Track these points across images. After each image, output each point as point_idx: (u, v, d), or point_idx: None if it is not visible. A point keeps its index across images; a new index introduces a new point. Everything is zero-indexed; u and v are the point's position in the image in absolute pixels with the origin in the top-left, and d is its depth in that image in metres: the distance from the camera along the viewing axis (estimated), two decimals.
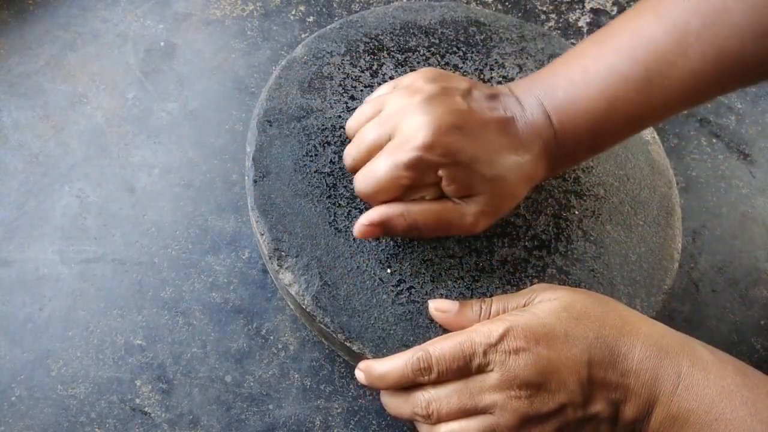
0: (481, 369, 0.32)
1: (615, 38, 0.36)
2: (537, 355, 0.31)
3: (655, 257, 0.43)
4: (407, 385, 0.34)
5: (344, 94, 0.45)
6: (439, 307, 0.38)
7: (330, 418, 0.41)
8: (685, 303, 0.48)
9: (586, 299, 0.34)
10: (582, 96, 0.36)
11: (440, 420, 0.32)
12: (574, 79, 0.37)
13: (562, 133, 0.37)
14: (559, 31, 0.59)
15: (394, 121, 0.36)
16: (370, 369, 0.35)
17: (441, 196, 0.37)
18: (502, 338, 0.32)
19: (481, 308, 0.36)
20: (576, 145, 0.37)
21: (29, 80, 0.50)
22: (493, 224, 0.41)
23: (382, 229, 0.37)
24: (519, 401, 0.31)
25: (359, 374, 0.36)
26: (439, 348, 0.33)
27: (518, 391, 0.31)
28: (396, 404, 0.34)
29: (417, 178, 0.35)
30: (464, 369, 0.32)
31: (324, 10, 0.57)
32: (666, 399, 0.31)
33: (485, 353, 0.32)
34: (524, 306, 0.35)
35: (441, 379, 0.33)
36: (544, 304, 0.34)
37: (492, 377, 0.32)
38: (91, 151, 0.48)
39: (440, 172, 0.35)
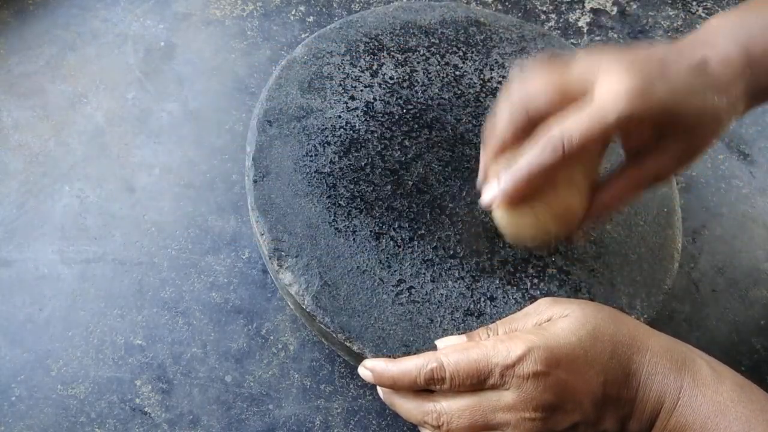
0: (495, 387, 0.32)
1: None
2: (556, 379, 0.31)
3: (655, 257, 0.43)
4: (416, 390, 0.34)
5: (344, 94, 0.45)
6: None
7: (330, 418, 0.41)
8: (685, 303, 0.48)
9: (597, 314, 0.34)
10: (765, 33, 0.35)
11: None
12: (759, 12, 0.36)
13: (754, 65, 0.35)
14: (559, 31, 0.59)
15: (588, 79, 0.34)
16: (380, 370, 0.35)
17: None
18: (520, 360, 0.31)
19: (488, 335, 0.35)
20: None
21: (29, 80, 0.50)
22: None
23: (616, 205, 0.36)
24: (533, 423, 0.31)
25: (365, 372, 0.35)
26: (454, 362, 0.32)
27: (533, 413, 0.31)
28: (407, 408, 0.34)
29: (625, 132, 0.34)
30: (477, 385, 0.32)
31: (324, 10, 0.57)
32: (666, 414, 0.32)
33: (501, 374, 0.31)
34: (536, 325, 0.34)
35: (453, 391, 0.33)
36: (560, 323, 0.33)
37: (507, 397, 0.31)
38: (91, 151, 0.48)
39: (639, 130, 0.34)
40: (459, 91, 0.47)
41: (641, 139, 0.35)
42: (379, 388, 0.36)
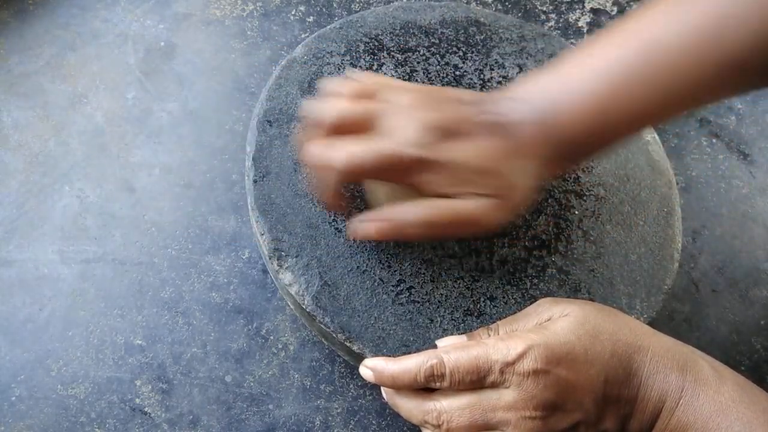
0: (495, 385, 0.32)
1: (617, 35, 0.36)
2: (556, 377, 0.31)
3: (655, 257, 0.43)
4: (417, 388, 0.34)
5: None
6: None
7: (330, 418, 0.41)
8: (685, 303, 0.48)
9: (597, 313, 0.34)
10: (580, 93, 0.35)
11: (450, 431, 0.33)
12: (572, 76, 0.36)
13: (562, 132, 0.36)
14: (559, 31, 0.59)
15: (379, 115, 0.36)
16: (381, 369, 0.35)
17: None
18: (520, 357, 0.31)
19: (488, 335, 0.35)
20: (580, 142, 0.37)
21: (29, 80, 0.50)
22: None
23: (393, 226, 0.36)
24: (533, 422, 0.31)
25: (366, 372, 0.36)
26: (454, 359, 0.32)
27: (533, 412, 0.31)
28: (407, 408, 0.34)
29: (396, 171, 0.35)
30: (477, 383, 0.32)
31: (324, 10, 0.57)
32: (667, 414, 0.32)
33: (501, 372, 0.31)
34: (536, 325, 0.34)
35: (453, 388, 0.33)
36: (560, 322, 0.33)
37: (507, 395, 0.31)
38: (91, 151, 0.48)
39: (424, 175, 0.35)
40: None
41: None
42: (383, 389, 0.36)
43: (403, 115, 0.35)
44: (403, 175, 0.35)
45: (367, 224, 0.37)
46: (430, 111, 0.36)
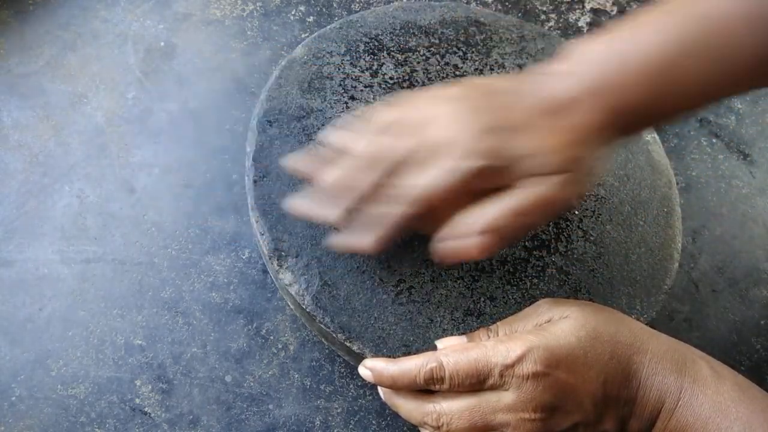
0: (495, 387, 0.32)
1: (664, 9, 0.34)
2: (556, 379, 0.31)
3: (655, 257, 0.43)
4: (416, 389, 0.34)
5: (344, 94, 0.45)
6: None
7: (330, 418, 0.41)
8: (685, 303, 0.48)
9: (598, 315, 0.34)
10: (635, 62, 0.33)
11: None
12: (622, 44, 0.34)
13: (619, 102, 0.34)
14: (559, 31, 0.59)
15: (417, 133, 0.33)
16: (380, 370, 0.35)
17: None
18: (519, 360, 0.31)
19: (488, 336, 0.35)
20: (638, 112, 0.34)
21: (29, 80, 0.50)
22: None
23: (497, 236, 0.33)
24: (533, 423, 0.31)
25: (365, 372, 0.36)
26: (454, 362, 0.32)
27: (533, 414, 0.31)
28: (407, 409, 0.34)
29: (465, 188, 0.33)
30: (477, 385, 0.32)
31: (324, 10, 0.57)
32: (666, 415, 0.32)
33: (501, 374, 0.31)
34: (536, 326, 0.34)
35: (453, 390, 0.33)
36: (560, 324, 0.33)
37: (506, 397, 0.31)
38: (91, 151, 0.48)
39: (496, 182, 0.33)
40: None
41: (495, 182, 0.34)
42: (380, 389, 0.36)
43: (449, 125, 0.33)
44: (473, 189, 0.33)
45: (458, 243, 0.33)
46: (478, 113, 0.33)
